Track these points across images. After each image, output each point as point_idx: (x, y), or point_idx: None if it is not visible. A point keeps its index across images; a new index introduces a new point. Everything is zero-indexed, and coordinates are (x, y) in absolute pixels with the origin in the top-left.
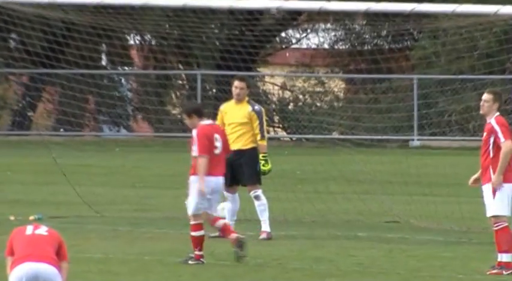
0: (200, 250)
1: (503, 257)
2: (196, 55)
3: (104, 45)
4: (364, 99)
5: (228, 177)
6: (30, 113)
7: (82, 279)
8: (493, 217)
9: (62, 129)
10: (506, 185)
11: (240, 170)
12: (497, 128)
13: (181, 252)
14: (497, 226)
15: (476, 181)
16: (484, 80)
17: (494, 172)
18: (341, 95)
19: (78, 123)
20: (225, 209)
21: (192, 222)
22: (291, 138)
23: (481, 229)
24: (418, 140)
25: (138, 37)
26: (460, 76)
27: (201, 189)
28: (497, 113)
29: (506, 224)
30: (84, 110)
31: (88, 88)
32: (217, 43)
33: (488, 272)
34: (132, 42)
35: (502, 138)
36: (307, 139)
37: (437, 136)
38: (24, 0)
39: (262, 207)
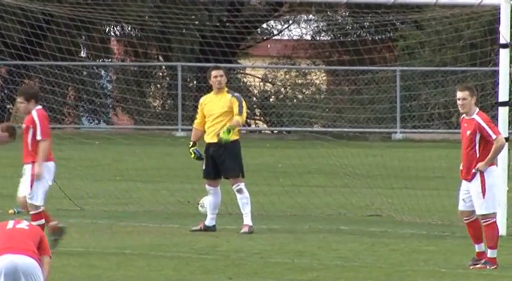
0: (50, 219)
1: (489, 253)
2: (177, 47)
3: (83, 37)
4: (347, 91)
5: (211, 170)
6: (9, 106)
7: (62, 273)
8: (483, 215)
9: None
10: (491, 180)
11: (223, 163)
12: (484, 125)
13: (162, 246)
14: (485, 222)
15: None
16: (467, 72)
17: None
18: (323, 87)
19: (57, 116)
20: (207, 204)
21: (36, 211)
22: (272, 132)
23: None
24: (400, 132)
25: (118, 28)
26: (443, 68)
27: (40, 173)
28: (477, 109)
29: (495, 219)
30: (63, 103)
31: (66, 82)
32: (198, 35)
33: (471, 267)
34: (111, 33)
35: (493, 135)
36: (288, 132)
37: (420, 129)
38: None
39: (244, 200)
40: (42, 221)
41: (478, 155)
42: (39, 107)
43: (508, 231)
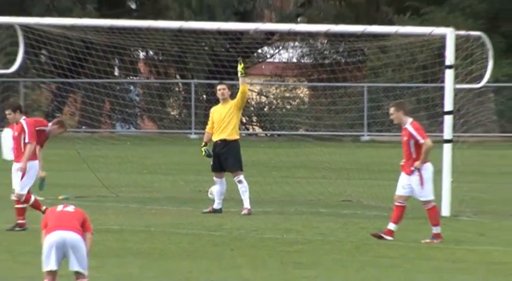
0: (24, 218)
1: (434, 230)
2: (191, 68)
3: (116, 59)
4: (325, 103)
5: (217, 165)
6: (57, 114)
7: (101, 246)
8: (425, 201)
9: (83, 127)
10: (427, 172)
11: (226, 160)
12: (414, 132)
13: (179, 224)
14: (427, 207)
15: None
16: (420, 87)
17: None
18: (306, 99)
19: (96, 123)
20: (214, 192)
21: (22, 199)
22: (266, 134)
23: (415, 208)
24: (367, 135)
25: (144, 53)
26: (401, 84)
27: (24, 168)
28: (411, 119)
29: (434, 204)
30: (101, 113)
31: (103, 96)
32: (207, 58)
33: (423, 241)
34: (138, 56)
35: (421, 140)
36: (279, 135)
37: (383, 132)
38: (52, 22)
39: (243, 189)
40: (24, 205)
41: (414, 155)
42: (24, 116)
43: (452, 213)
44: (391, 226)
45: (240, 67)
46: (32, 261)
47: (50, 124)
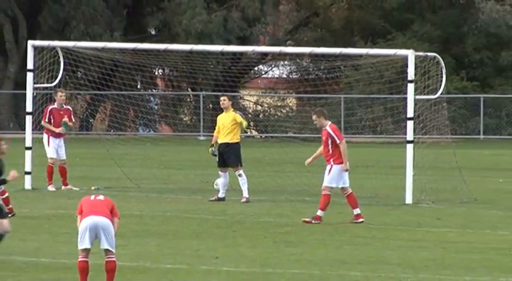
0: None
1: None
2: (200, 82)
3: (138, 75)
4: (309, 111)
5: (221, 162)
6: (91, 120)
7: (126, 228)
8: (341, 188)
9: (112, 130)
10: (338, 167)
11: (229, 158)
12: (332, 133)
13: (190, 210)
14: (346, 193)
15: (310, 163)
16: (387, 98)
17: (334, 162)
18: (294, 108)
19: (122, 127)
20: (219, 184)
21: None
22: (261, 136)
23: (387, 196)
24: (344, 137)
25: (161, 70)
26: (372, 96)
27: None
28: (330, 122)
29: (351, 191)
30: (126, 118)
31: (128, 105)
32: (213, 74)
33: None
34: (157, 73)
35: (337, 140)
36: (271, 137)
37: (357, 135)
38: (86, 45)
39: (243, 181)
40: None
41: (330, 152)
42: None
43: (414, 201)
44: (356, 210)
45: (244, 124)
46: (69, 240)
47: None
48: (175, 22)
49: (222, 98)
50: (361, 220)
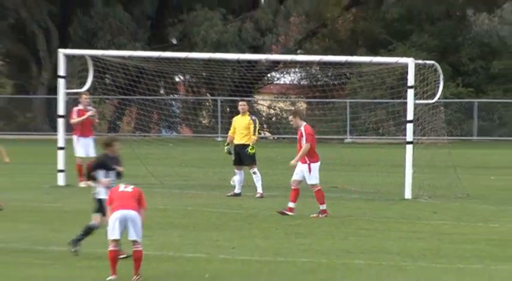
0: None
1: (321, 207)
2: (217, 88)
3: (161, 81)
4: (318, 114)
5: (237, 160)
6: (118, 123)
7: (151, 221)
8: (312, 184)
9: (137, 132)
10: (316, 164)
11: (244, 157)
12: (304, 134)
13: (209, 204)
14: (315, 189)
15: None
16: (389, 103)
17: (308, 160)
18: (304, 111)
19: (147, 128)
20: (235, 181)
21: None
22: (274, 138)
23: (388, 192)
24: (350, 138)
25: (182, 76)
26: (374, 100)
27: None
28: (305, 123)
29: (320, 187)
30: (151, 121)
31: (152, 109)
32: (230, 80)
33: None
34: (178, 79)
35: (304, 141)
36: (283, 138)
37: (361, 136)
38: (113, 54)
39: (257, 178)
40: None
41: None
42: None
43: (412, 196)
44: (291, 204)
45: (250, 150)
46: (99, 231)
47: None
48: (194, 32)
49: (241, 103)
50: (291, 214)
